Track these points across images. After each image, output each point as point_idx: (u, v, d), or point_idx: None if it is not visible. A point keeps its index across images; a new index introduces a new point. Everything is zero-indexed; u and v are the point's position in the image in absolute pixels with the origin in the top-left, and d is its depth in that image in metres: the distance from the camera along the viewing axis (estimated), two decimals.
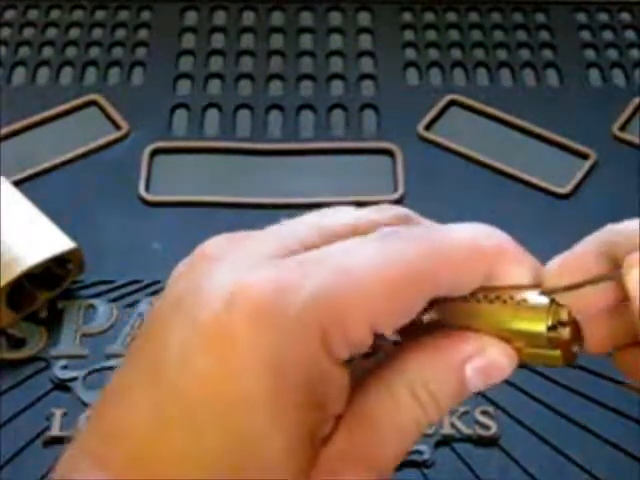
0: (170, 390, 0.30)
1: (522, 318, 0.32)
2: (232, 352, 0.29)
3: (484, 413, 0.60)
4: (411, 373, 0.32)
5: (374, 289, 0.30)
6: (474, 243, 0.32)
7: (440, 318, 0.32)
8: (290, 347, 0.29)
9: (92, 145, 0.78)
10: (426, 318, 0.32)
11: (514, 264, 0.32)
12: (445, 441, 0.60)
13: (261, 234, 0.33)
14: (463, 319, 0.32)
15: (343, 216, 0.33)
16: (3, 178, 0.70)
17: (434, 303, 0.32)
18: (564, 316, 0.32)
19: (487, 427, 0.60)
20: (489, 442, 0.60)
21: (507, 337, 0.32)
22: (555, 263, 0.33)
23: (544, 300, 0.32)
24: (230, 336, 0.29)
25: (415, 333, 0.32)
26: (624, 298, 0.31)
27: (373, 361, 0.33)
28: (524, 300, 0.32)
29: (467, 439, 0.60)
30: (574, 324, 0.32)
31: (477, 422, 0.60)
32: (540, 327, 0.32)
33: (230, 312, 0.30)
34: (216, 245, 0.33)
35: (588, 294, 0.32)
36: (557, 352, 0.32)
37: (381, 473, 0.32)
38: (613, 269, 0.32)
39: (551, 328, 0.32)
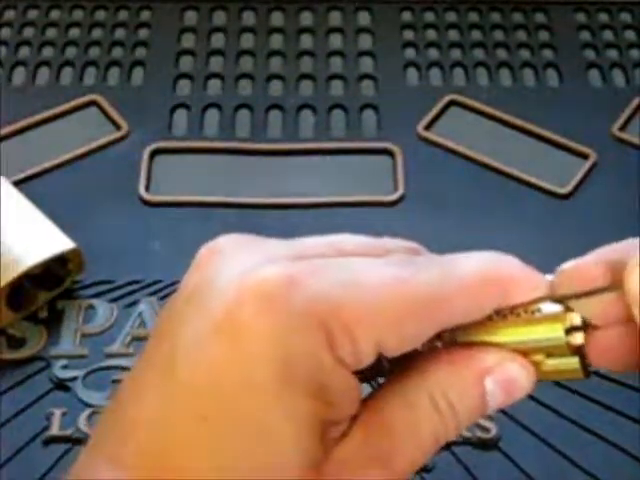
0: (181, 381, 0.31)
1: (538, 327, 0.32)
2: (240, 340, 0.30)
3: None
4: (431, 382, 0.32)
5: (385, 310, 0.30)
6: (486, 271, 0.32)
7: (453, 337, 0.32)
8: (295, 339, 0.30)
9: (92, 145, 0.77)
10: (439, 344, 0.32)
11: (527, 289, 0.32)
12: (444, 445, 0.59)
13: (272, 239, 0.34)
14: (478, 337, 0.32)
15: (354, 239, 0.34)
16: (3, 178, 0.70)
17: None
18: (577, 321, 0.32)
19: (487, 430, 0.60)
20: (489, 445, 0.60)
21: (524, 351, 0.32)
22: (565, 271, 0.32)
23: (558, 307, 0.32)
24: (239, 325, 0.30)
25: (430, 347, 0.32)
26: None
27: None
28: (538, 310, 0.32)
29: (467, 442, 0.60)
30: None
31: (477, 425, 0.60)
32: (558, 332, 0.32)
33: (240, 303, 0.30)
34: (227, 242, 0.33)
35: (598, 302, 0.32)
36: (575, 359, 0.32)
37: (396, 478, 0.32)
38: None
39: (568, 332, 0.32)
